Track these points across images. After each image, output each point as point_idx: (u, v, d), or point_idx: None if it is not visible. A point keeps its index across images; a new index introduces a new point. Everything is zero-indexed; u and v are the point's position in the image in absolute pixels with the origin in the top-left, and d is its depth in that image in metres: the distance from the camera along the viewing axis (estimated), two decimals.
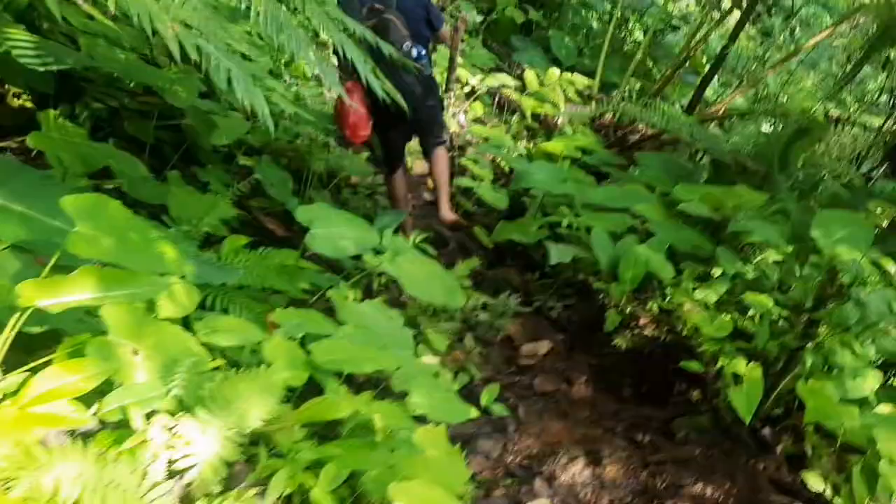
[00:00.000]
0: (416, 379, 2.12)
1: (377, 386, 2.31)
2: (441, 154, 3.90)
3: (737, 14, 6.52)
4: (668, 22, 8.22)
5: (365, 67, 2.65)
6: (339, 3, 3.24)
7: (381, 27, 3.26)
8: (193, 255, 2.16)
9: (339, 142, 4.40)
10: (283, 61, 4.68)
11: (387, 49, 2.86)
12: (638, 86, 6.79)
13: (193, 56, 1.89)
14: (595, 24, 7.90)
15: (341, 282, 2.61)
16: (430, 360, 2.64)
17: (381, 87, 2.74)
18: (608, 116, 5.58)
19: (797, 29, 7.86)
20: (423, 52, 3.48)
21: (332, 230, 2.47)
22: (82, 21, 3.01)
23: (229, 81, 2.02)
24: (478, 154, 4.63)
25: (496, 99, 5.77)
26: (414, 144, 4.17)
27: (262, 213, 3.66)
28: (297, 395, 1.86)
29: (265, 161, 3.50)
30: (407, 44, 3.38)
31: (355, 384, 2.63)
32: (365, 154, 4.56)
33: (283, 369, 1.64)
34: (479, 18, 7.29)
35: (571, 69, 6.86)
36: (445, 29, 3.89)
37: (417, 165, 4.87)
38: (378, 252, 2.79)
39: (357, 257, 2.83)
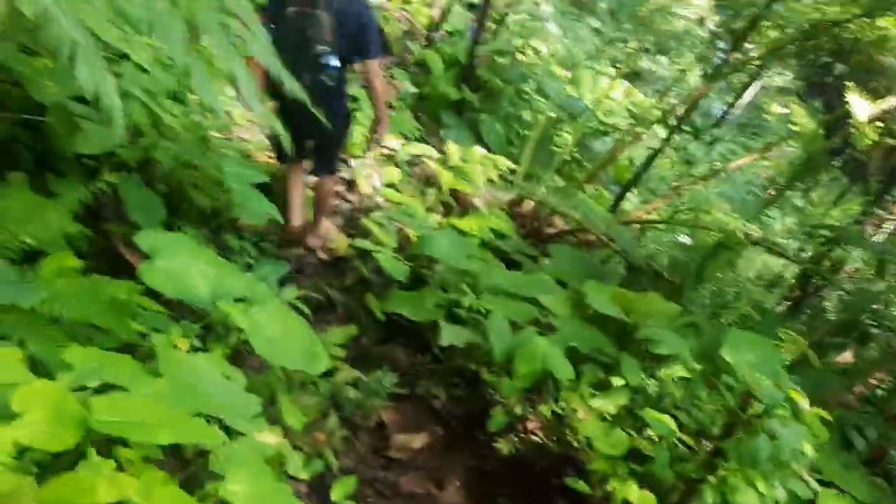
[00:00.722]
0: (242, 460, 1.67)
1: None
2: (329, 182, 4.02)
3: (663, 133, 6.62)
4: (598, 129, 8.30)
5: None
6: None
7: (302, 18, 3.19)
8: None
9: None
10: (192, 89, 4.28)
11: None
12: (561, 184, 6.70)
13: (28, 11, 1.48)
14: (528, 117, 7.86)
15: (175, 326, 2.13)
16: (273, 439, 2.17)
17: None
18: (527, 205, 5.39)
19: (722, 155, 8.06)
20: (337, 62, 3.32)
21: (180, 264, 2.03)
22: None
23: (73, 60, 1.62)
24: (384, 219, 4.29)
25: (415, 169, 5.50)
26: None
27: (119, 240, 3.17)
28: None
29: (134, 180, 3.04)
30: (320, 47, 3.24)
31: (182, 458, 2.14)
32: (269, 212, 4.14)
33: (35, 424, 1.18)
34: (412, 89, 7.12)
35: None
36: (375, 65, 3.47)
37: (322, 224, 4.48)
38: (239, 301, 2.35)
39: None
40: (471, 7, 8.49)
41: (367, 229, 4.16)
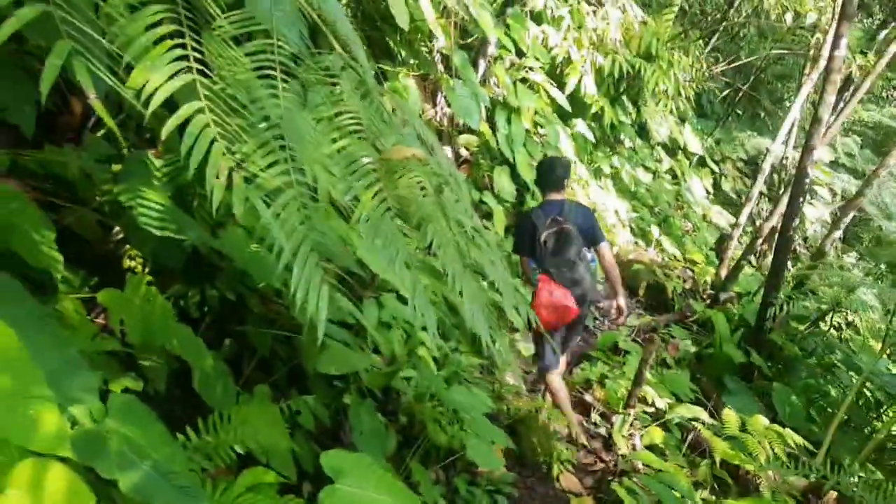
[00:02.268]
0: None
1: None
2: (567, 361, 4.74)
3: None
4: None
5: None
6: (531, 214, 4.27)
7: (564, 234, 4.08)
8: (165, 468, 1.60)
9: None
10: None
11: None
12: (878, 476, 5.42)
13: (238, 212, 1.50)
14: (833, 392, 6.74)
15: None
16: None
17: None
18: (829, 497, 4.36)
19: None
20: (591, 257, 4.22)
21: (363, 493, 1.81)
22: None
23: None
24: (639, 486, 3.70)
25: (687, 434, 4.85)
26: None
27: None
28: None
29: (367, 407, 2.98)
30: (582, 251, 4.13)
31: None
32: (501, 444, 3.87)
33: None
34: (692, 348, 6.60)
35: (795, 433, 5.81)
36: (604, 246, 4.23)
37: (565, 479, 4.03)
38: None
39: None
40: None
41: (617, 497, 3.60)
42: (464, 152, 6.47)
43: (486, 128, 6.27)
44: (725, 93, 13.59)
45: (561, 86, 7.28)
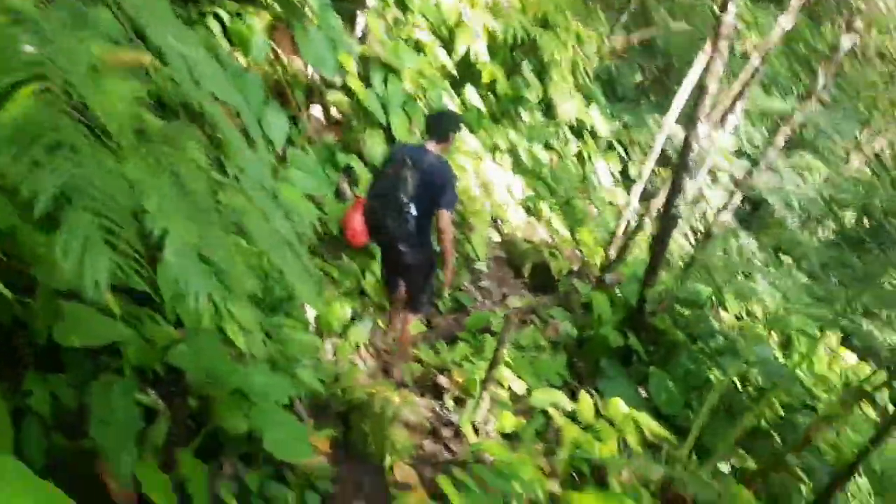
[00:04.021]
0: None
1: None
2: (410, 318, 4.60)
3: None
4: (805, 402, 6.77)
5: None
6: (397, 148, 4.38)
7: (402, 175, 3.96)
8: None
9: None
10: (283, 296, 3.85)
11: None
12: (748, 464, 5.25)
13: None
14: (712, 378, 6.57)
15: None
16: None
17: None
18: (686, 491, 4.09)
19: None
20: (415, 210, 4.00)
21: None
22: None
23: None
24: (474, 477, 3.32)
25: (551, 421, 4.51)
26: None
27: (102, 462, 2.54)
28: None
29: (123, 387, 2.44)
30: (404, 197, 3.94)
31: None
32: (326, 431, 3.42)
33: None
34: (573, 332, 6.30)
35: (671, 420, 5.60)
36: (444, 213, 4.04)
37: (400, 471, 3.62)
38: None
39: None
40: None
41: (445, 493, 3.20)
42: (336, 113, 5.95)
43: (360, 86, 5.76)
44: (639, 80, 13.45)
45: (451, 50, 6.83)
